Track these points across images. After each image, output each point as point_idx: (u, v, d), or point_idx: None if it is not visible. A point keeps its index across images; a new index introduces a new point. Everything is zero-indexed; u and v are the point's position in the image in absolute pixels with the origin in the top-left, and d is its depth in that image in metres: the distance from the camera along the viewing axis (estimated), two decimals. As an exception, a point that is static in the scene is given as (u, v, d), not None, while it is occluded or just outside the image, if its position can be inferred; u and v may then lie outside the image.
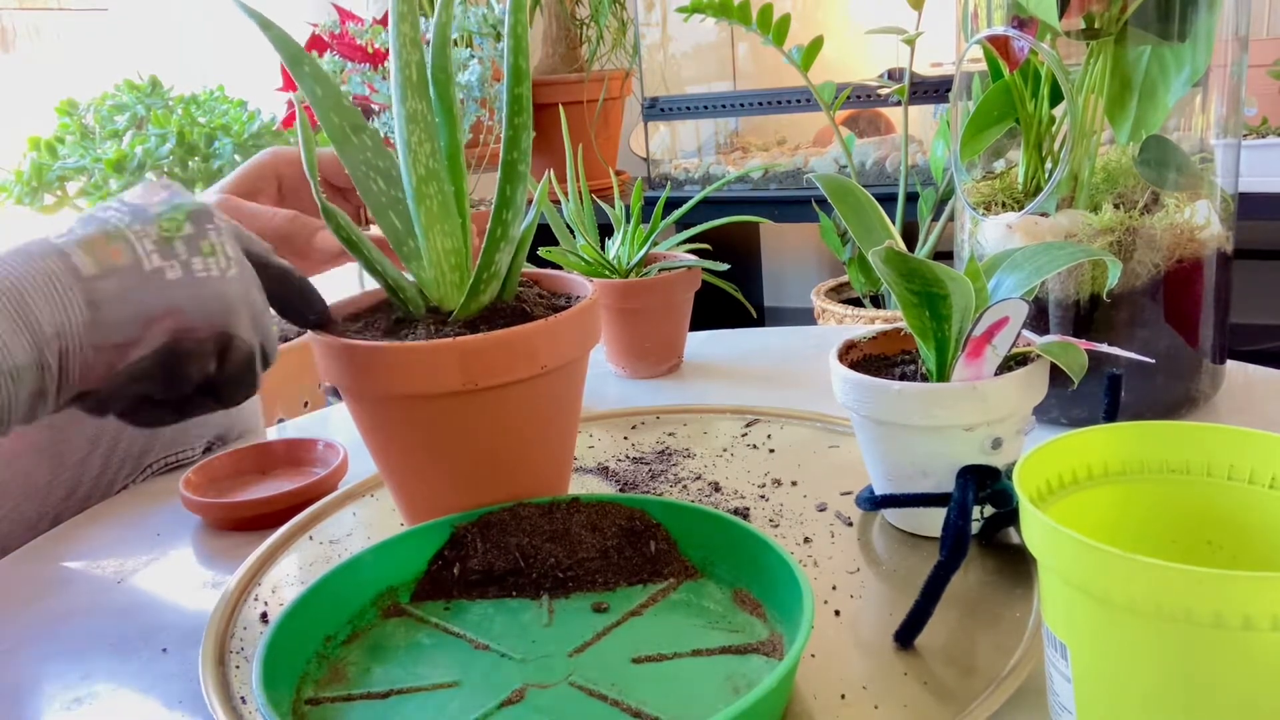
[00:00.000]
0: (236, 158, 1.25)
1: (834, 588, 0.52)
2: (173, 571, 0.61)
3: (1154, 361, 0.53)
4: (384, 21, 1.66)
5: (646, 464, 0.69)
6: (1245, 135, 1.32)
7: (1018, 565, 0.52)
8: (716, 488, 0.64)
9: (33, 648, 0.54)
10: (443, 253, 0.53)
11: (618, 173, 2.23)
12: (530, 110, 0.52)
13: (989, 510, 0.53)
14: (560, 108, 0.98)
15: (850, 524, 0.59)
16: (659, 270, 0.88)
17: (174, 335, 0.41)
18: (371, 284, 0.56)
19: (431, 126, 0.52)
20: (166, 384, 0.42)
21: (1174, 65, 0.63)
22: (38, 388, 0.39)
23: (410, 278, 0.54)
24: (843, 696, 0.43)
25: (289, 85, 1.76)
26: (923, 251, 1.59)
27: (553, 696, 0.43)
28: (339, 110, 0.51)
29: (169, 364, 0.42)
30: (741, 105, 2.05)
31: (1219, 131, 0.69)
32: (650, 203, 0.93)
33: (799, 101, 1.92)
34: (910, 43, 1.43)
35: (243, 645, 0.51)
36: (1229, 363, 0.76)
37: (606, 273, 0.89)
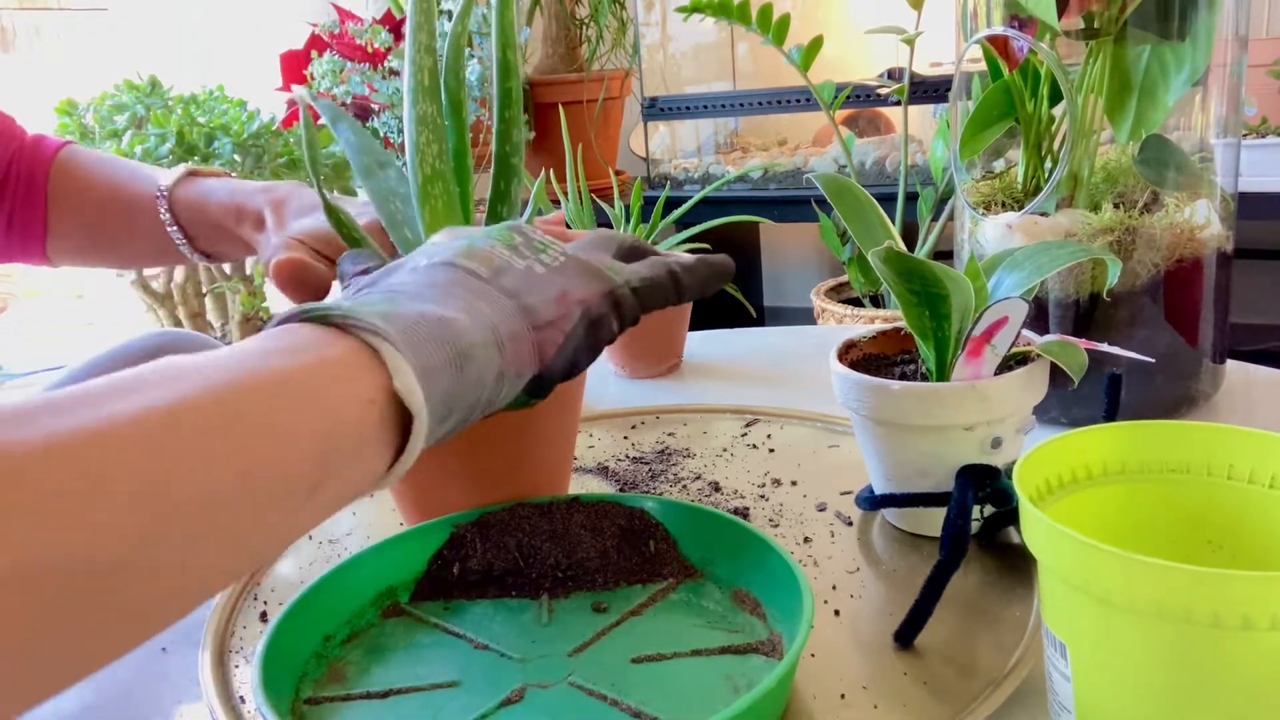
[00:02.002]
0: (236, 157, 1.25)
1: (834, 587, 0.52)
2: (172, 571, 0.61)
3: (1154, 361, 0.53)
4: (384, 21, 1.67)
5: (646, 464, 0.69)
6: (1245, 135, 1.32)
7: (1018, 565, 0.52)
8: (716, 488, 0.64)
9: (32, 648, 0.54)
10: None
11: (617, 172, 2.23)
12: (520, 103, 0.53)
13: (989, 510, 0.53)
14: (560, 107, 0.98)
15: (850, 524, 0.59)
16: (659, 270, 0.88)
17: (581, 306, 0.43)
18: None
19: (440, 129, 0.52)
20: (592, 352, 0.45)
21: (1174, 65, 0.63)
22: (499, 369, 0.40)
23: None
24: (842, 696, 0.43)
25: (289, 85, 1.76)
26: (922, 251, 1.59)
27: (552, 696, 0.43)
28: (369, 152, 0.56)
29: (591, 334, 0.44)
30: (741, 105, 2.05)
31: (1219, 131, 0.69)
32: (650, 202, 0.93)
33: (799, 101, 1.92)
34: (910, 42, 1.43)
35: (242, 645, 0.51)
36: (1229, 363, 0.76)
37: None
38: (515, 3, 0.52)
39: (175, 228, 0.73)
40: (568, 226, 0.63)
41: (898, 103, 1.54)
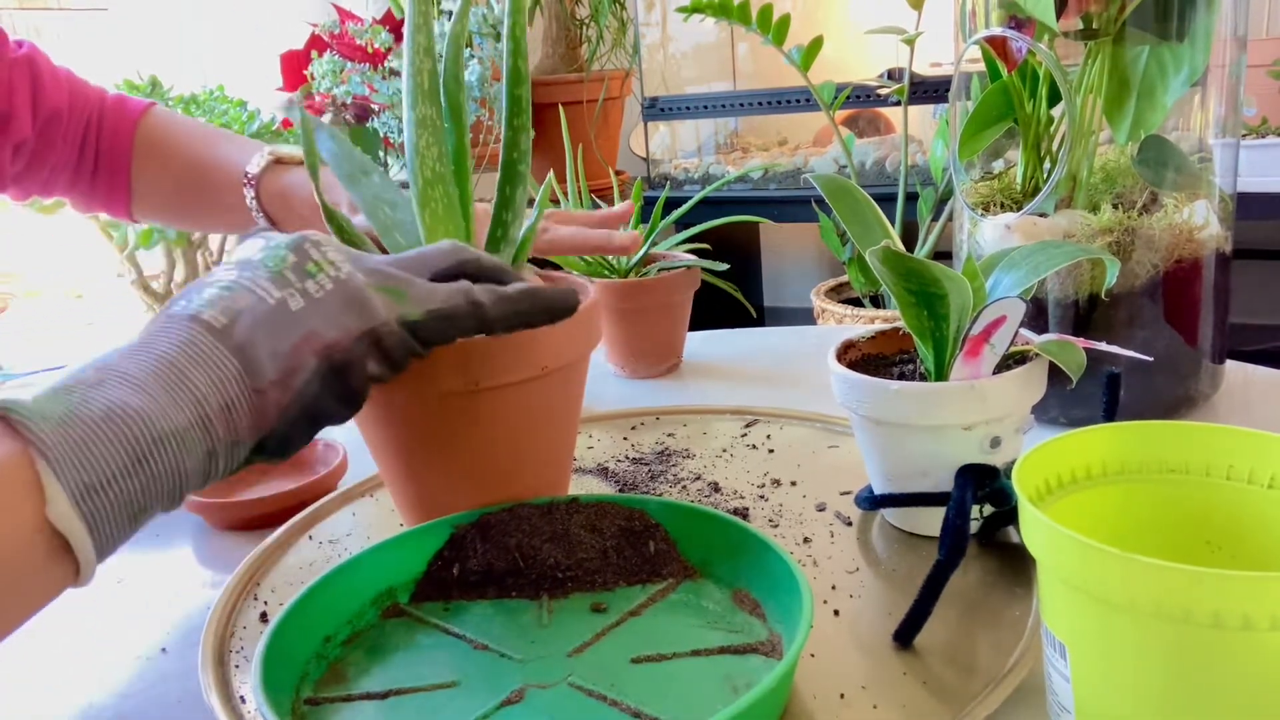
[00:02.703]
0: (236, 158, 1.25)
1: (833, 587, 0.52)
2: (173, 571, 0.61)
3: (1153, 360, 0.53)
4: (384, 21, 1.67)
5: (646, 464, 0.69)
6: (1244, 135, 1.32)
7: (1017, 565, 0.52)
8: (716, 488, 0.65)
9: (33, 648, 0.54)
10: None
11: (618, 173, 2.23)
12: (529, 112, 0.53)
13: (988, 510, 0.53)
14: (560, 108, 0.98)
15: (849, 524, 0.59)
16: (659, 270, 0.88)
17: (322, 355, 0.41)
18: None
19: (440, 131, 0.52)
20: (341, 400, 0.42)
21: (1172, 65, 0.63)
22: (206, 448, 0.39)
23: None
24: (842, 696, 0.43)
25: (289, 85, 1.76)
26: (922, 251, 1.59)
27: (552, 697, 0.43)
28: (349, 160, 0.56)
29: (332, 382, 0.42)
30: (741, 105, 2.05)
31: (1218, 131, 0.69)
32: (650, 203, 0.93)
33: (799, 101, 1.92)
34: (910, 43, 1.43)
35: (243, 645, 0.51)
36: (1229, 363, 0.76)
37: (606, 273, 0.89)
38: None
39: (260, 213, 0.74)
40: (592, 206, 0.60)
41: (898, 103, 1.55)
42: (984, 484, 0.50)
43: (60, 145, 0.74)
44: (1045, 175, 0.69)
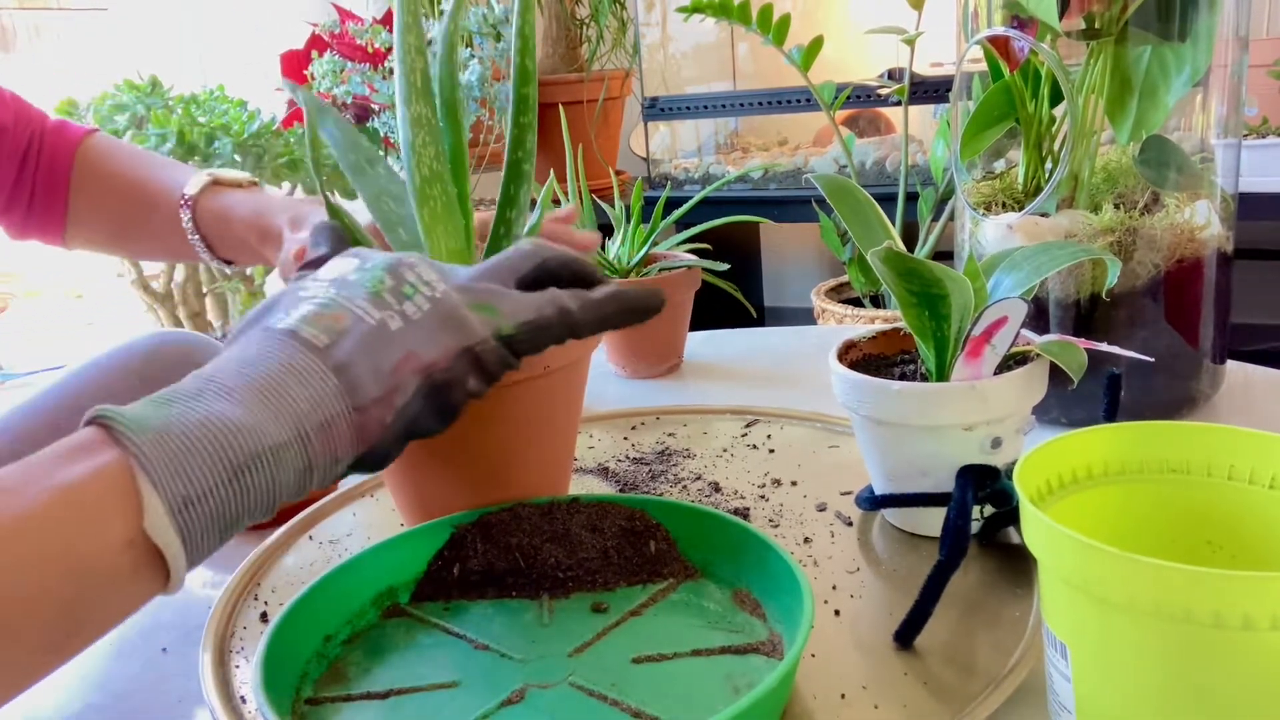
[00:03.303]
0: (236, 157, 1.25)
1: (834, 587, 0.52)
2: (173, 571, 0.61)
3: (1153, 360, 0.53)
4: (384, 21, 1.67)
5: (646, 464, 0.69)
6: (1245, 135, 1.32)
7: (1018, 565, 0.52)
8: (716, 488, 0.64)
9: (33, 648, 0.54)
10: (446, 253, 0.54)
11: (618, 172, 2.23)
12: (536, 111, 0.53)
13: (989, 510, 0.53)
14: (560, 107, 0.98)
15: (850, 524, 0.59)
16: (659, 270, 0.88)
17: (423, 375, 0.41)
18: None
19: (435, 130, 0.52)
20: (441, 418, 0.43)
21: (1174, 65, 0.63)
22: (304, 463, 0.39)
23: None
24: (843, 696, 0.43)
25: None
26: (923, 251, 1.59)
27: (553, 697, 0.43)
28: (356, 149, 0.54)
29: (433, 400, 0.42)
30: (741, 105, 2.05)
31: (1219, 131, 0.69)
32: (650, 203, 0.93)
33: (799, 101, 1.92)
34: (910, 43, 1.43)
35: (243, 645, 0.51)
36: (1229, 363, 0.76)
37: (606, 273, 0.89)
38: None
39: (197, 236, 0.73)
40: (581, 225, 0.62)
41: (898, 103, 1.54)
42: (985, 484, 0.50)
43: (1, 163, 0.74)
44: (1047, 175, 0.69)
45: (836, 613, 0.50)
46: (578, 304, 0.45)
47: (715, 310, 1.12)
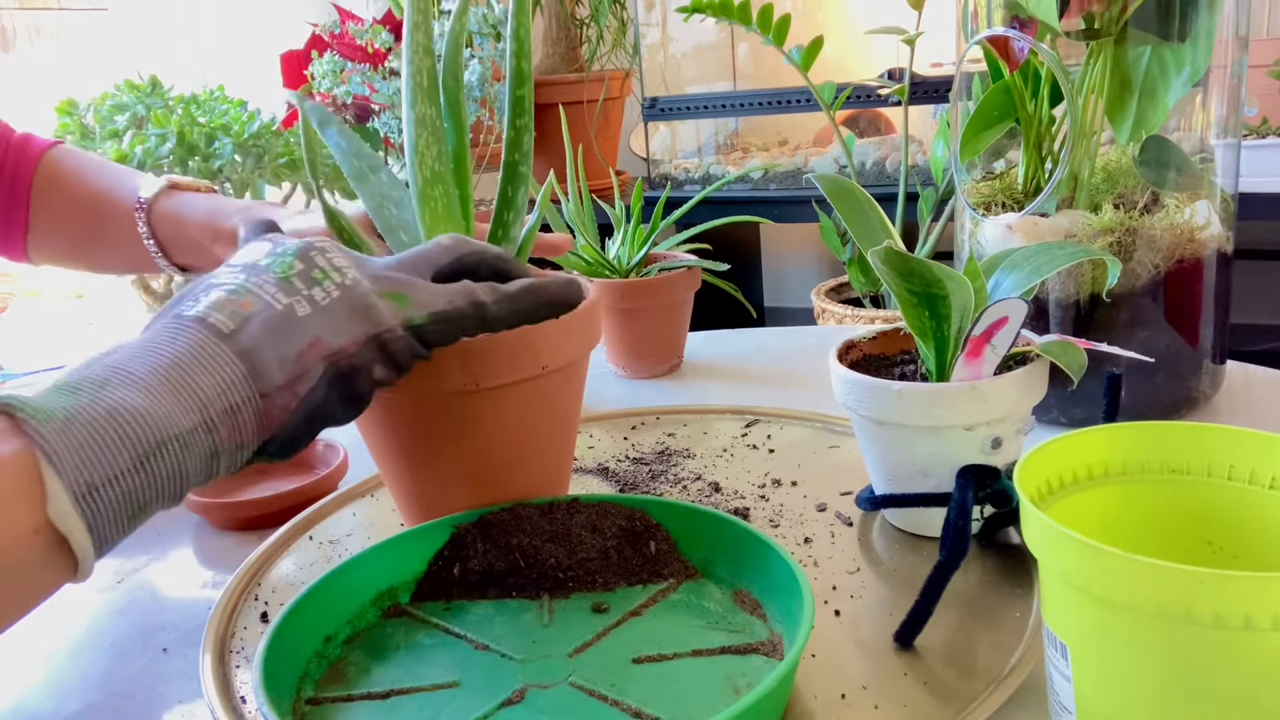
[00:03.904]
0: (236, 157, 1.25)
1: (834, 588, 0.52)
2: (173, 571, 0.61)
3: (1154, 361, 0.53)
4: (384, 21, 1.67)
5: (646, 464, 0.69)
6: (1245, 135, 1.32)
7: (1018, 565, 0.52)
8: (716, 488, 0.64)
9: (33, 649, 0.54)
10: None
11: (618, 173, 2.23)
12: (532, 112, 0.53)
13: (989, 510, 0.53)
14: (560, 108, 0.98)
15: (850, 524, 0.59)
16: (659, 270, 0.88)
17: (329, 361, 0.41)
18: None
19: (439, 131, 0.52)
20: (346, 404, 0.43)
21: (1174, 65, 0.63)
22: (209, 449, 0.39)
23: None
24: (843, 696, 0.43)
25: (289, 85, 1.76)
26: (923, 251, 1.59)
27: (553, 697, 0.43)
28: (360, 156, 0.55)
29: (338, 387, 0.42)
30: (741, 105, 2.05)
31: (1219, 131, 0.69)
32: (650, 203, 0.93)
33: (799, 101, 1.92)
34: (910, 43, 1.43)
35: (243, 645, 0.51)
36: (1229, 363, 0.76)
37: (606, 273, 0.89)
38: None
39: (151, 240, 0.73)
40: (548, 228, 0.60)
41: (898, 103, 1.55)
42: (985, 484, 0.50)
43: None
44: (1047, 175, 0.69)
45: (837, 613, 0.50)
46: (491, 297, 0.45)
47: (715, 310, 1.12)
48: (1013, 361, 0.53)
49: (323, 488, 0.67)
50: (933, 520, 0.54)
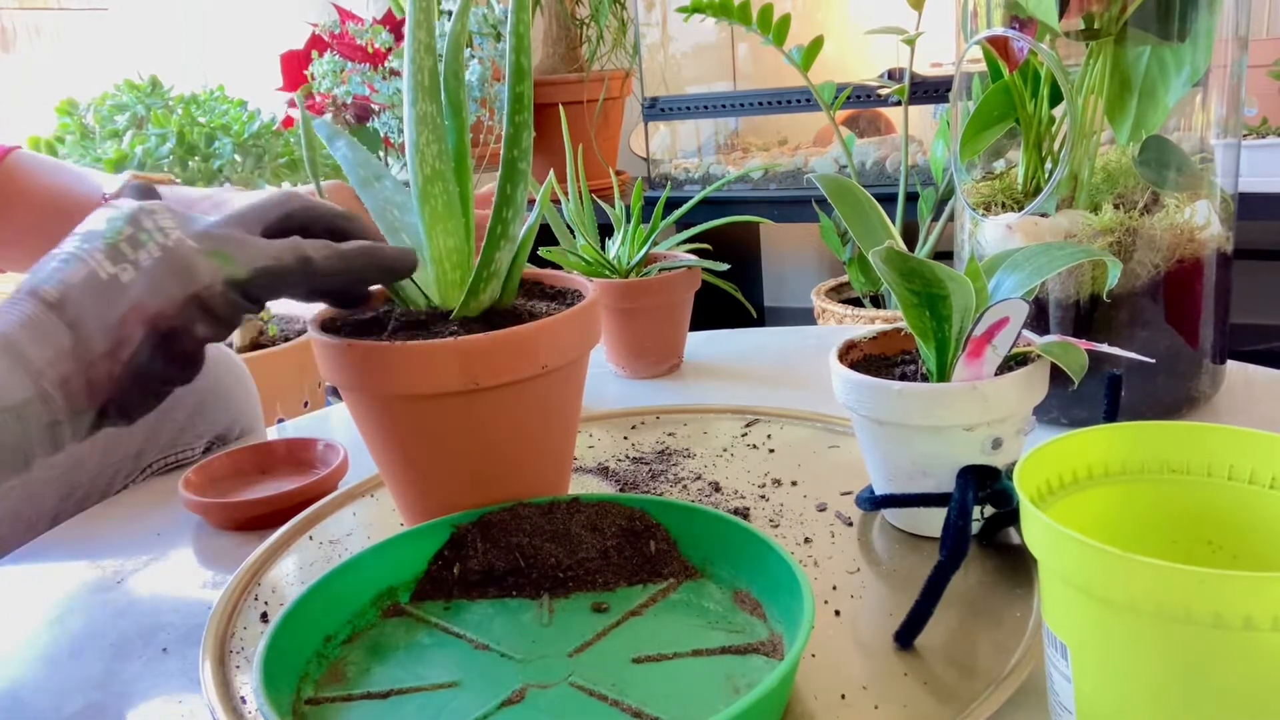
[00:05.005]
0: (236, 157, 1.25)
1: (834, 588, 0.52)
2: (173, 571, 0.61)
3: (1154, 361, 0.53)
4: (384, 21, 1.67)
5: (646, 464, 0.69)
6: (1245, 135, 1.32)
7: (1018, 565, 0.52)
8: (716, 488, 0.64)
9: (33, 648, 0.54)
10: (444, 252, 0.54)
11: (618, 173, 2.23)
12: (531, 108, 0.53)
13: (989, 510, 0.53)
14: (560, 107, 0.98)
15: (850, 524, 0.59)
16: (659, 270, 0.88)
17: (148, 324, 0.43)
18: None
19: (440, 129, 0.52)
20: (174, 364, 0.44)
21: (1174, 65, 0.63)
22: (49, 419, 0.41)
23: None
24: (843, 696, 0.43)
25: (289, 85, 1.76)
26: (923, 251, 1.59)
27: (553, 697, 0.43)
28: (365, 166, 0.57)
29: (162, 349, 0.44)
30: (741, 105, 2.05)
31: (1219, 131, 0.69)
32: (650, 203, 0.93)
33: (799, 101, 1.92)
34: (910, 43, 1.43)
35: (243, 645, 0.51)
36: (1229, 363, 0.76)
37: (606, 273, 0.89)
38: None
39: None
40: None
41: (898, 103, 1.54)
42: (985, 485, 0.50)
43: None
44: (1046, 175, 0.69)
45: (837, 613, 0.50)
46: (321, 253, 0.46)
47: (715, 310, 1.12)
48: (1013, 362, 0.53)
49: (323, 488, 0.67)
50: (933, 520, 0.54)
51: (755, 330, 1.06)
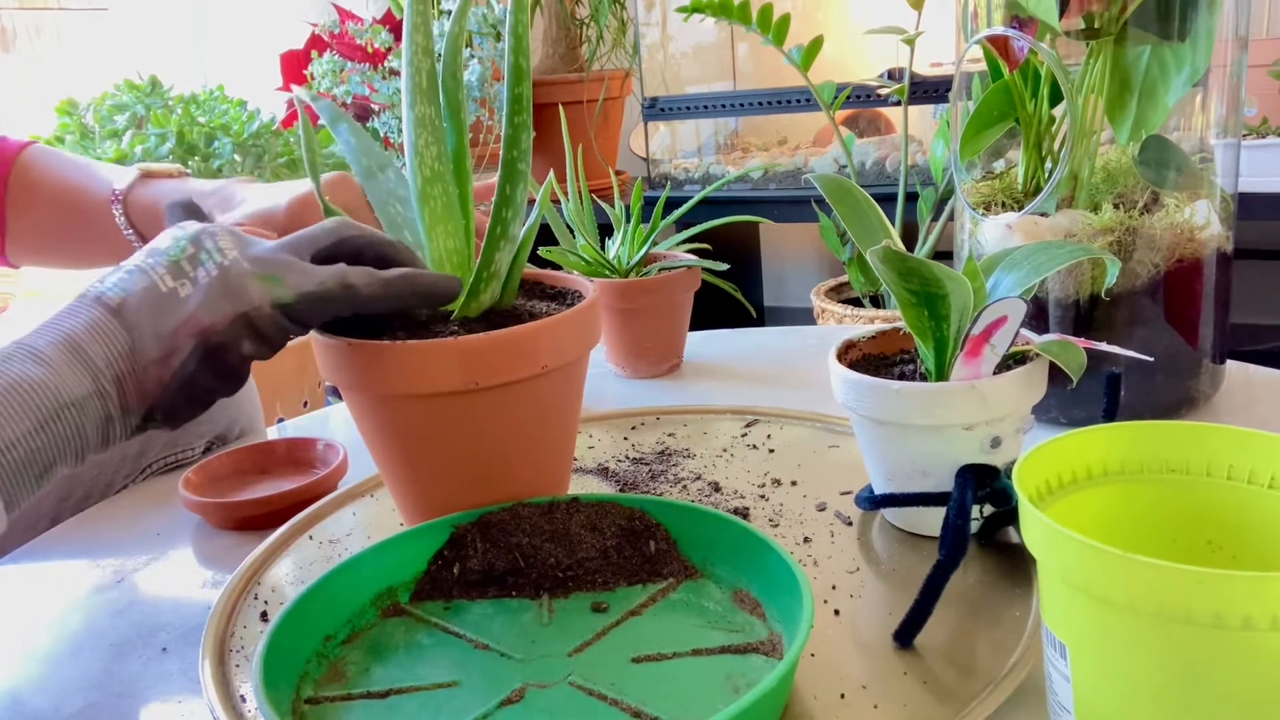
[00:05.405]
0: (236, 157, 1.25)
1: (834, 587, 0.52)
2: (173, 571, 0.61)
3: (1153, 360, 0.53)
4: (384, 21, 1.67)
5: (646, 464, 0.69)
6: (1245, 135, 1.32)
7: (1017, 565, 0.52)
8: (716, 488, 0.64)
9: (33, 648, 0.54)
10: (445, 253, 0.54)
11: (618, 172, 2.23)
12: (530, 109, 0.53)
13: (988, 510, 0.53)
14: (560, 107, 0.98)
15: (850, 524, 0.59)
16: (659, 270, 0.88)
17: (199, 337, 0.46)
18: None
19: (439, 131, 0.52)
20: (219, 377, 0.47)
21: (1174, 65, 0.63)
22: (104, 414, 0.44)
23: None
24: (842, 696, 0.43)
25: (289, 85, 1.76)
26: (922, 251, 1.59)
27: (552, 696, 0.43)
28: (369, 155, 0.57)
29: (209, 361, 0.47)
30: (741, 105, 2.05)
31: (1219, 131, 0.69)
32: (650, 202, 0.93)
33: (799, 101, 1.92)
34: (910, 43, 1.43)
35: (243, 645, 0.51)
36: (1229, 363, 0.76)
37: (606, 273, 0.89)
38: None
39: (131, 231, 0.73)
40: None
41: (898, 103, 1.54)
42: (984, 484, 0.50)
43: None
44: (1046, 175, 0.69)
45: (836, 612, 0.50)
46: (364, 280, 0.49)
47: (715, 310, 1.12)
48: (1012, 361, 0.53)
49: (323, 488, 0.67)
50: (932, 520, 0.54)
51: (755, 330, 1.06)
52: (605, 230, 0.92)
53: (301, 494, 0.66)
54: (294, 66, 1.74)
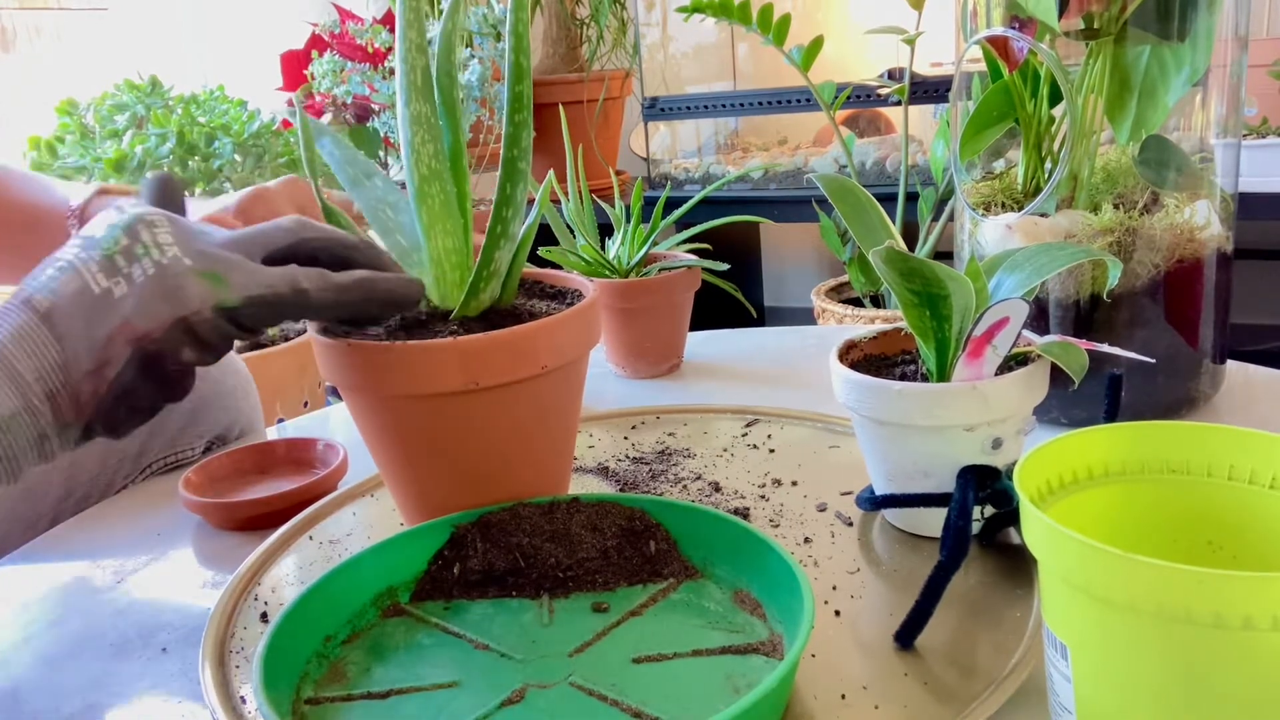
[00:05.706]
0: (236, 157, 1.25)
1: (834, 588, 0.52)
2: (173, 571, 0.61)
3: (1154, 361, 0.53)
4: (384, 21, 1.67)
5: (646, 464, 0.69)
6: (1245, 135, 1.32)
7: (1018, 565, 0.52)
8: (716, 488, 0.64)
9: (33, 648, 0.54)
10: (443, 252, 0.54)
11: (618, 172, 2.23)
12: (531, 108, 0.52)
13: (989, 510, 0.53)
14: (560, 107, 0.98)
15: (850, 524, 0.59)
16: (659, 270, 0.88)
17: (134, 345, 0.42)
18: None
19: (435, 129, 0.52)
20: (159, 386, 0.44)
21: (1174, 65, 0.63)
22: (36, 432, 0.41)
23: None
24: (843, 696, 0.43)
25: (289, 85, 1.76)
26: (923, 251, 1.59)
27: (553, 696, 0.43)
28: (353, 164, 0.56)
29: (147, 370, 0.43)
30: (741, 105, 2.05)
31: (1219, 131, 0.69)
32: (650, 202, 0.93)
33: (799, 101, 1.92)
34: (910, 43, 1.43)
35: (243, 645, 0.51)
36: (1229, 363, 0.76)
37: (606, 273, 0.89)
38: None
39: None
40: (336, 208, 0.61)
41: (898, 103, 1.54)
42: (985, 485, 0.50)
43: None
44: (1046, 175, 0.69)
45: (837, 613, 0.50)
46: (316, 284, 0.45)
47: (715, 310, 1.12)
48: (1013, 362, 0.53)
49: (323, 488, 0.67)
50: (933, 520, 0.54)
51: (755, 330, 1.06)
52: (605, 230, 0.92)
53: (301, 494, 0.66)
54: (294, 66, 1.74)
